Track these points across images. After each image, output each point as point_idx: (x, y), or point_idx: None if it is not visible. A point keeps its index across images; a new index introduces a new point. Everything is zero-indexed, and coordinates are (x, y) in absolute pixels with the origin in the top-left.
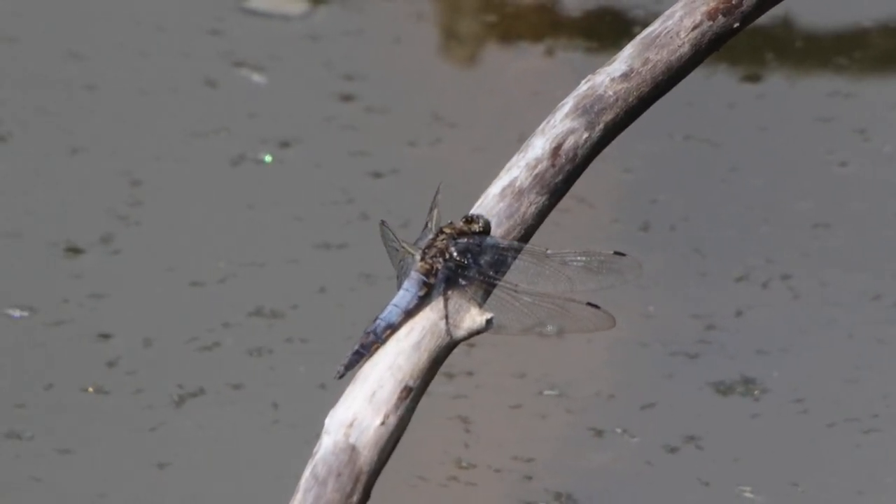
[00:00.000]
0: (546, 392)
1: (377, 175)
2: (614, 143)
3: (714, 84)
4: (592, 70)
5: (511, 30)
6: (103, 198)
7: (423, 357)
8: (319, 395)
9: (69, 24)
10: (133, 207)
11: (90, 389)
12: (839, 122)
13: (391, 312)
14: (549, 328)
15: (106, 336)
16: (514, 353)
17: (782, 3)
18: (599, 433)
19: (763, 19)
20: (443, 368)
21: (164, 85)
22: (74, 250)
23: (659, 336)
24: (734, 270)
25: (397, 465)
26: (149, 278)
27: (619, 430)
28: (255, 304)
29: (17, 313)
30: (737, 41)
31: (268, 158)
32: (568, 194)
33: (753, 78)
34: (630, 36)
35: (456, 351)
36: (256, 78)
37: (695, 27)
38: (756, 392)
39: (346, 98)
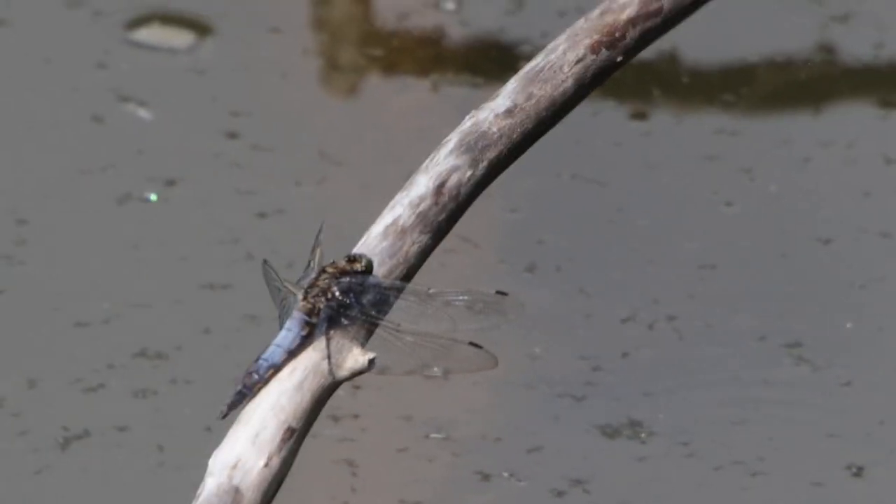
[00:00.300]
0: (432, 435)
1: (262, 215)
2: (499, 181)
3: (601, 121)
4: (477, 105)
5: (395, 63)
6: None
7: (305, 397)
8: (205, 437)
9: None
10: (18, 247)
11: None
12: (725, 160)
13: (274, 352)
14: (434, 369)
15: None
16: (401, 395)
17: (668, 36)
18: (486, 476)
19: (649, 54)
20: (328, 410)
21: (51, 120)
22: None
23: (545, 378)
24: (620, 311)
25: None
26: (33, 318)
27: (505, 474)
28: (139, 345)
29: None
30: (623, 77)
31: (153, 197)
32: (452, 233)
33: (640, 115)
34: (515, 70)
35: (341, 393)
36: (143, 113)
37: (578, 61)
38: (643, 435)
39: (232, 135)
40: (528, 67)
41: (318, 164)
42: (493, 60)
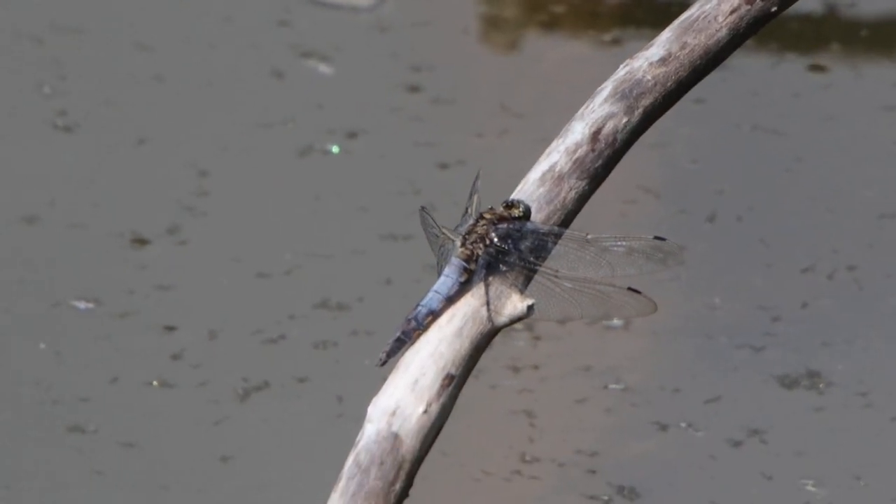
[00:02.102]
0: (611, 386)
1: (443, 166)
2: (683, 133)
3: (780, 74)
4: (633, 55)
5: (556, 20)
6: (170, 189)
7: (464, 344)
8: None
9: (136, 15)
10: (200, 198)
11: (155, 383)
12: None
13: (432, 299)
14: (593, 314)
15: (171, 328)
16: (581, 345)
17: None
18: (664, 427)
19: (825, 7)
20: (507, 361)
21: (231, 76)
22: (140, 241)
23: (724, 328)
24: (800, 262)
25: (462, 458)
26: (215, 270)
27: (683, 425)
28: (320, 297)
29: (82, 305)
30: (802, 31)
31: (335, 149)
32: (633, 183)
33: (819, 68)
34: (668, 21)
35: (520, 343)
36: (323, 69)
37: (732, 11)
38: (821, 385)
39: (413, 89)
40: (682, 17)
41: (498, 117)
42: (648, 11)
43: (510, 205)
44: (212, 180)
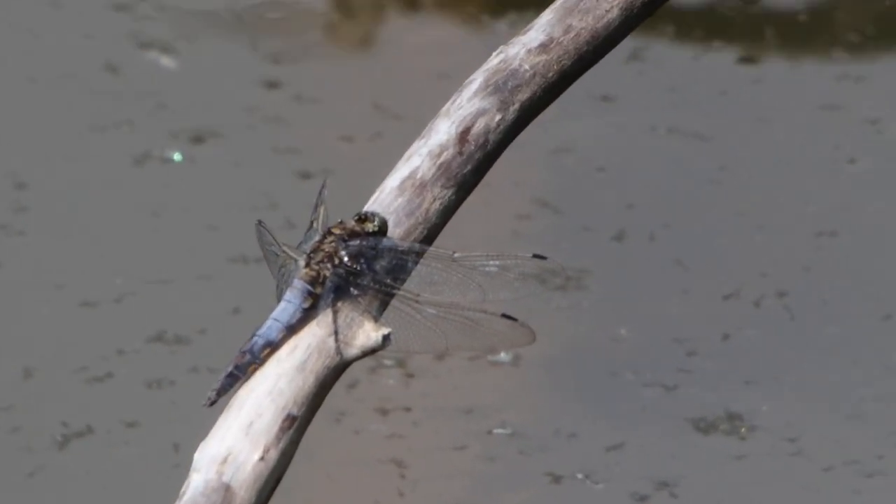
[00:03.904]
0: (496, 430)
1: (305, 176)
2: (588, 137)
3: (704, 66)
4: (507, 41)
5: None
6: None
7: (308, 380)
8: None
9: None
10: (16, 214)
11: None
12: (849, 110)
13: (270, 328)
14: (460, 346)
15: None
16: (460, 384)
17: None
18: (557, 479)
19: None
20: (375, 402)
21: (58, 71)
22: None
23: (631, 363)
24: (722, 287)
25: None
26: (32, 297)
27: (580, 476)
28: (155, 329)
29: None
30: (731, 15)
31: (177, 157)
32: (528, 197)
33: (749, 59)
34: (550, 1)
35: (390, 382)
36: (166, 62)
37: None
38: (743, 430)
39: (272, 85)
40: None
41: (370, 117)
42: None
43: (363, 218)
44: (31, 193)
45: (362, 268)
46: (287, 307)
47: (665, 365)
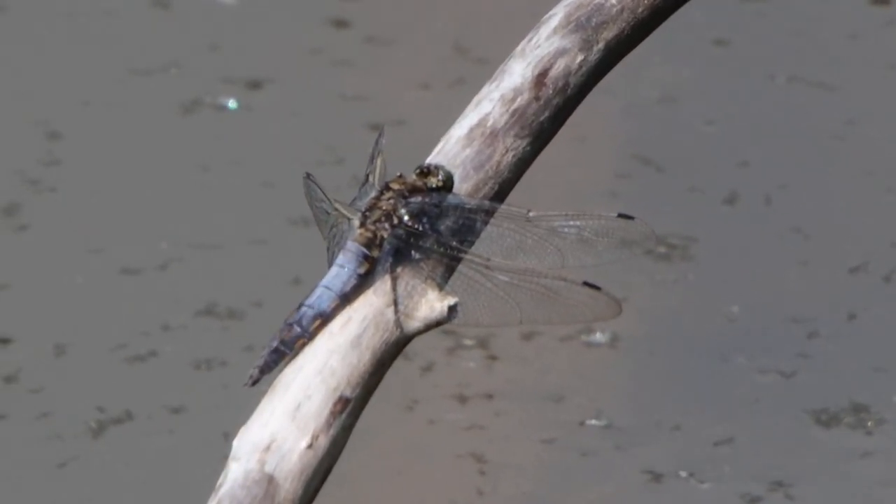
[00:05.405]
0: (589, 422)
1: (376, 127)
2: (697, 85)
3: (831, 7)
4: None
5: None
6: (10, 155)
7: (364, 357)
8: None
9: None
10: (48, 168)
11: None
12: None
13: (321, 297)
14: (535, 318)
15: (5, 341)
16: (549, 369)
17: None
18: (657, 478)
19: None
20: (452, 388)
21: (97, 6)
22: None
23: (744, 346)
24: (848, 259)
25: None
26: (65, 264)
27: (683, 474)
28: (205, 301)
29: None
30: None
31: (231, 104)
32: (627, 154)
33: (883, 1)
34: None
35: (471, 364)
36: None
37: None
38: (870, 423)
39: (340, 24)
40: None
41: (450, 60)
42: None
43: (426, 171)
44: (64, 144)
45: (425, 228)
46: (340, 273)
47: (782, 348)
